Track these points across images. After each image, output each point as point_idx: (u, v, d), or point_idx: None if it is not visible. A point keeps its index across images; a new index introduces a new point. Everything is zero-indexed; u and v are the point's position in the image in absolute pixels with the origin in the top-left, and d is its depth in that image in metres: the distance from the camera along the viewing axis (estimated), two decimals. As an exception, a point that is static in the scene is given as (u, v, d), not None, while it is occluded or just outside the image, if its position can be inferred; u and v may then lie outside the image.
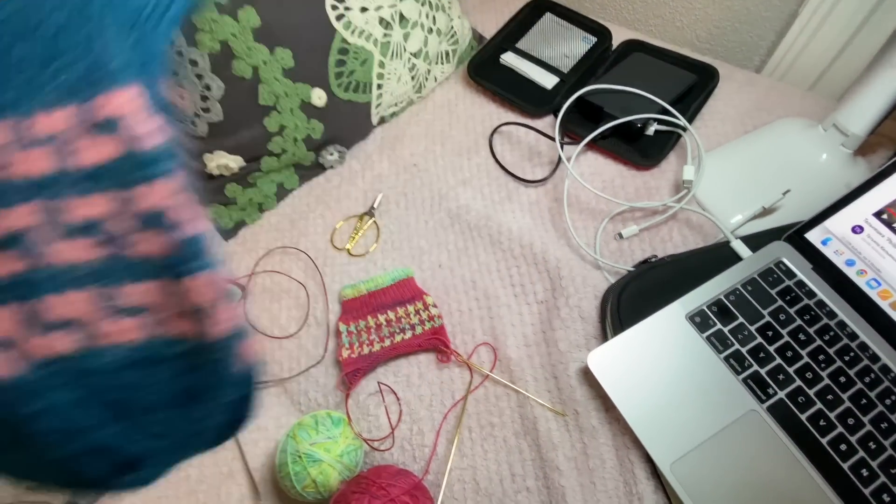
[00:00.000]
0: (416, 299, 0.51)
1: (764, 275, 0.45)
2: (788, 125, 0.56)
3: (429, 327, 0.49)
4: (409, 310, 0.50)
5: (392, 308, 0.50)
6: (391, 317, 0.50)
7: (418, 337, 0.48)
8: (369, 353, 0.48)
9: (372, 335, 0.49)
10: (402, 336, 0.49)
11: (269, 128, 0.54)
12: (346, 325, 0.50)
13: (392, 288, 0.51)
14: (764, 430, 0.39)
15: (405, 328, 0.49)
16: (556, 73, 0.63)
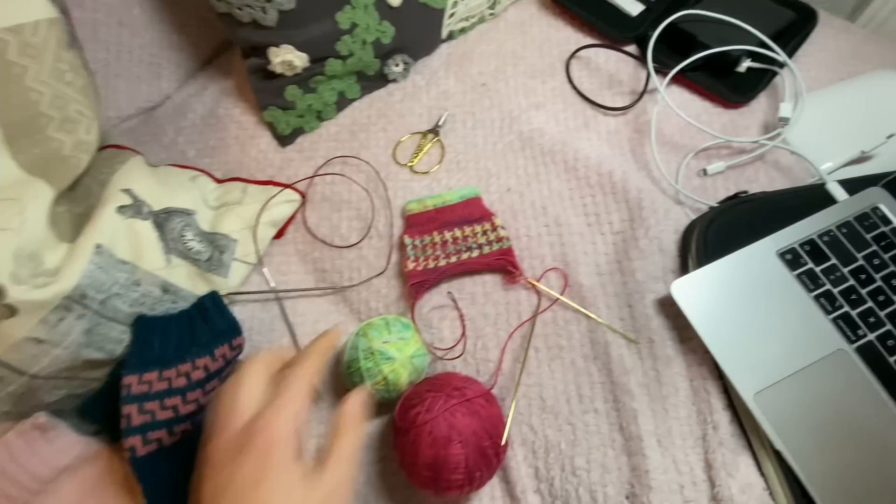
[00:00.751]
0: (483, 219, 0.49)
1: (859, 219, 0.43)
2: (888, 75, 0.52)
3: (496, 248, 0.47)
4: (476, 229, 0.48)
5: (459, 226, 0.48)
6: (458, 234, 0.48)
7: (486, 256, 0.47)
8: (435, 268, 0.46)
9: (437, 251, 0.47)
10: (468, 254, 0.47)
11: (341, 24, 0.50)
12: (411, 239, 0.48)
13: (459, 206, 0.49)
14: (852, 370, 0.38)
15: (472, 247, 0.47)
16: (643, 1, 0.59)
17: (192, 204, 0.46)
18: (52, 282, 0.35)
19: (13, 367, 0.35)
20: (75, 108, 0.40)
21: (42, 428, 0.39)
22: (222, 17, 0.49)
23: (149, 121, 0.60)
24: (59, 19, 0.40)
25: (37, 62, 0.37)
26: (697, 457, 0.39)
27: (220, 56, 0.64)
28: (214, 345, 0.40)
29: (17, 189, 0.36)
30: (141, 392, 0.38)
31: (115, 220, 0.40)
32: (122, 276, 0.39)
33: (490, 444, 0.35)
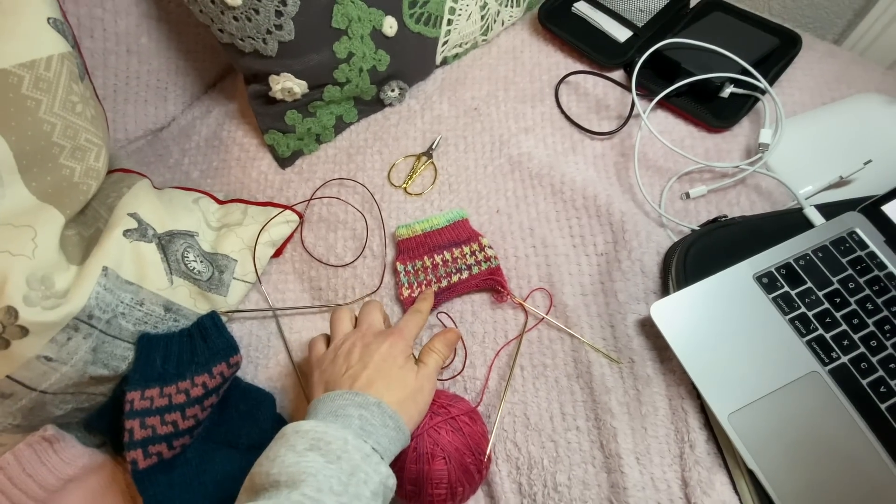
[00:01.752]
0: (471, 240, 0.50)
1: (836, 243, 0.45)
2: (869, 100, 0.54)
3: (485, 268, 0.49)
4: (464, 251, 0.50)
5: (448, 248, 0.50)
6: (447, 257, 0.50)
7: (475, 277, 0.48)
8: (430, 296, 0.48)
9: (430, 275, 0.49)
10: (458, 276, 0.49)
11: (338, 53, 0.53)
12: (403, 265, 0.49)
13: (447, 229, 0.51)
14: (824, 392, 0.39)
15: (461, 268, 0.49)
16: (630, 27, 0.61)
17: (194, 226, 0.49)
18: (61, 303, 0.37)
19: (24, 383, 0.38)
20: (85, 137, 0.43)
21: (50, 440, 0.41)
22: (226, 46, 0.52)
23: (155, 142, 0.62)
24: (70, 53, 0.42)
25: (49, 95, 0.40)
26: (674, 474, 0.40)
27: (225, 79, 0.67)
28: (213, 363, 0.42)
29: (30, 216, 0.38)
30: (143, 407, 0.40)
31: (122, 243, 0.42)
32: (127, 296, 0.42)
33: (473, 460, 0.37)
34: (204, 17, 0.50)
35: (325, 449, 0.30)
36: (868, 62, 0.60)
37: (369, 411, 0.33)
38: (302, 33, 0.50)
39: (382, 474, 0.31)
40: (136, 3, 0.54)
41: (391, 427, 0.34)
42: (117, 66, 0.56)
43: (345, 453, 0.30)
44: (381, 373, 0.36)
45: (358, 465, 0.30)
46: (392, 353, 0.38)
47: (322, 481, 0.28)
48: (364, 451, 0.31)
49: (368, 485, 0.30)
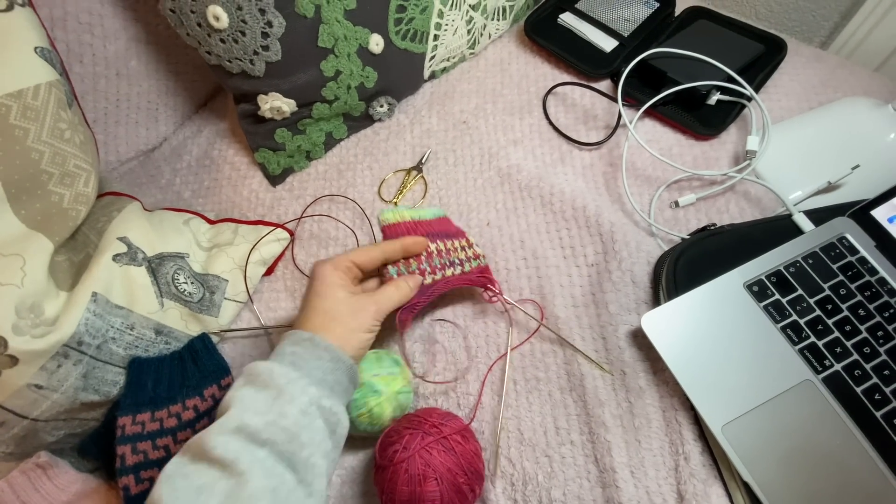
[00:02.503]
0: (459, 236, 0.49)
1: (826, 249, 0.44)
2: (856, 103, 0.54)
3: (475, 265, 0.47)
4: (455, 244, 0.47)
5: (441, 238, 0.46)
6: (441, 247, 0.45)
7: (468, 274, 0.46)
8: (423, 287, 0.43)
9: (423, 264, 0.44)
10: (451, 270, 0.45)
11: (325, 72, 0.53)
12: None
13: (434, 222, 0.48)
14: (818, 401, 0.39)
15: (454, 262, 0.46)
16: (616, 37, 0.61)
17: (184, 247, 0.49)
18: (51, 331, 0.37)
19: (15, 412, 0.38)
20: (74, 163, 0.43)
21: (44, 466, 0.41)
22: (214, 68, 0.52)
23: (147, 163, 0.63)
24: (58, 81, 0.43)
25: (37, 124, 0.40)
26: (670, 487, 0.40)
27: (215, 98, 0.67)
28: (204, 385, 0.42)
29: (19, 244, 0.38)
30: (134, 433, 0.40)
31: (111, 268, 0.42)
32: (117, 320, 0.42)
33: (465, 480, 0.37)
34: (191, 39, 0.50)
35: (254, 381, 0.33)
36: (854, 65, 0.61)
37: (301, 346, 0.35)
38: (289, 53, 0.50)
39: (312, 395, 0.33)
40: (124, 28, 0.54)
41: (326, 359, 0.35)
42: (107, 90, 0.56)
43: (271, 380, 0.33)
44: (312, 306, 0.38)
45: (282, 388, 0.33)
46: (319, 281, 0.39)
47: (247, 404, 0.32)
48: (289, 377, 0.33)
49: (294, 403, 0.32)
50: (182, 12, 0.48)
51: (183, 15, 0.48)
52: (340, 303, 0.38)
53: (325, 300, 0.38)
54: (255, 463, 0.29)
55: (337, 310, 0.38)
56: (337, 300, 0.38)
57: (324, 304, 0.38)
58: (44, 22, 0.45)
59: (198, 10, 0.47)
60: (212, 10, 0.46)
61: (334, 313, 0.37)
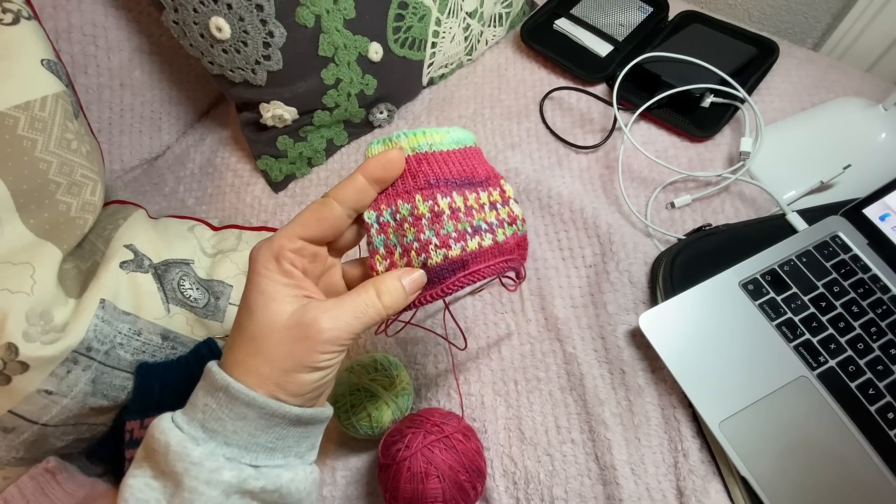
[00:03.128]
0: (489, 183, 0.30)
1: (819, 248, 0.45)
2: (848, 104, 0.55)
3: (510, 233, 0.29)
4: (481, 198, 0.29)
5: (458, 189, 0.28)
6: (458, 203, 0.28)
7: (500, 246, 0.28)
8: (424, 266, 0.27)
9: (425, 231, 0.27)
10: (478, 241, 0.28)
11: (326, 80, 0.54)
12: (375, 213, 0.28)
13: (454, 155, 0.29)
14: (813, 396, 0.40)
15: (481, 228, 0.28)
16: (611, 42, 0.62)
17: (189, 254, 0.50)
18: (60, 337, 0.38)
19: (25, 417, 0.38)
20: (81, 173, 0.44)
21: (53, 471, 0.42)
22: (216, 77, 0.53)
23: (151, 171, 0.64)
24: (64, 92, 0.44)
25: (45, 134, 0.41)
26: (669, 484, 0.40)
27: (218, 107, 0.68)
28: (210, 389, 0.42)
29: (28, 253, 0.39)
30: (142, 437, 0.40)
31: (118, 275, 0.43)
32: (124, 326, 0.42)
33: (467, 477, 0.37)
34: (194, 50, 0.51)
35: (151, 459, 0.24)
36: (846, 66, 0.62)
37: (215, 399, 0.24)
38: (290, 62, 0.51)
39: (227, 482, 0.23)
40: (127, 39, 0.55)
41: (252, 417, 0.24)
42: (111, 100, 0.57)
43: (166, 464, 0.23)
44: (242, 326, 0.26)
45: (180, 480, 0.23)
46: (247, 291, 0.26)
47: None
48: (190, 458, 0.23)
49: (203, 498, 0.23)
50: (185, 24, 0.49)
51: (186, 26, 0.49)
52: (275, 325, 0.24)
53: (253, 318, 0.25)
54: None
55: (269, 337, 0.24)
56: (270, 320, 0.24)
57: (251, 324, 0.25)
58: (49, 34, 0.46)
59: (200, 22, 0.48)
60: (214, 21, 0.47)
61: (264, 342, 0.24)
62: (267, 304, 0.25)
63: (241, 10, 0.47)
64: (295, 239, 0.26)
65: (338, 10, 0.51)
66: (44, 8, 0.50)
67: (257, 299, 0.25)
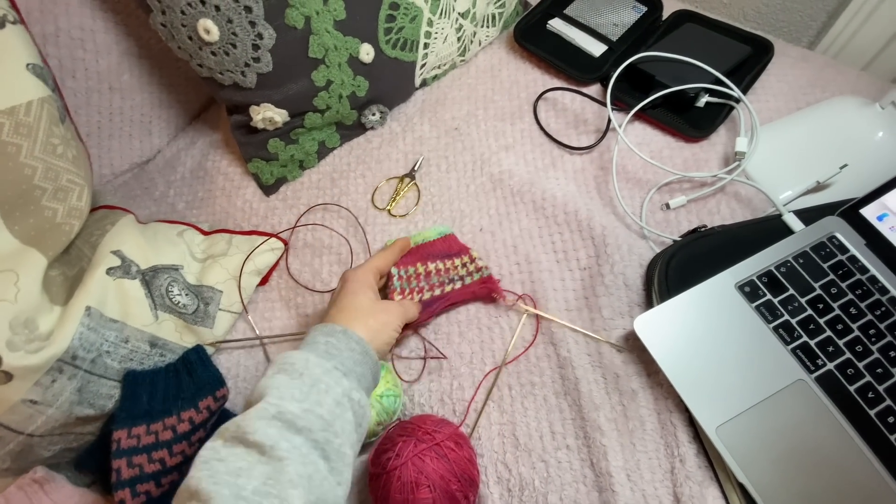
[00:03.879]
0: (461, 253, 0.51)
1: (816, 248, 0.45)
2: (844, 103, 0.54)
3: (477, 278, 0.49)
4: (455, 263, 0.50)
5: (441, 259, 0.50)
6: (440, 267, 0.50)
7: (468, 287, 0.49)
8: (421, 301, 0.48)
9: (422, 282, 0.48)
10: (451, 286, 0.49)
11: (317, 82, 0.53)
12: (397, 269, 0.48)
13: (438, 242, 0.51)
14: (811, 400, 0.39)
15: (454, 279, 0.49)
16: (605, 42, 0.62)
17: (178, 259, 0.49)
18: (45, 346, 0.37)
19: (11, 427, 0.38)
20: (67, 178, 0.43)
21: (40, 481, 0.41)
22: (206, 80, 0.53)
23: (141, 175, 0.63)
24: (50, 97, 0.43)
25: (30, 139, 0.41)
26: (666, 490, 0.40)
27: (209, 109, 0.68)
28: (199, 397, 0.42)
29: (12, 260, 0.38)
30: (130, 446, 0.40)
31: (105, 282, 0.43)
32: (111, 334, 0.42)
33: (458, 487, 0.37)
34: (183, 53, 0.51)
35: (289, 369, 0.33)
36: (842, 65, 0.61)
37: (335, 337, 0.37)
38: (280, 64, 0.51)
39: (345, 386, 0.34)
40: (116, 42, 0.55)
41: (357, 351, 0.37)
42: (100, 104, 0.57)
43: (306, 370, 0.33)
44: (344, 304, 0.41)
45: (318, 378, 0.33)
46: (352, 286, 0.42)
47: (284, 392, 0.32)
48: (324, 367, 0.34)
49: (329, 394, 0.33)
50: (173, 26, 0.48)
51: (174, 29, 0.48)
52: (372, 301, 0.41)
53: (356, 298, 0.41)
54: (292, 450, 0.29)
55: (368, 307, 0.40)
56: (368, 299, 0.41)
57: (354, 301, 0.40)
58: (36, 38, 0.46)
59: (189, 24, 0.47)
60: (202, 23, 0.46)
61: (365, 310, 0.40)
62: (367, 292, 0.42)
63: (230, 12, 0.46)
64: (374, 267, 0.45)
65: (328, 12, 0.50)
66: (30, 12, 0.49)
67: (360, 288, 0.42)
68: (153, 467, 0.40)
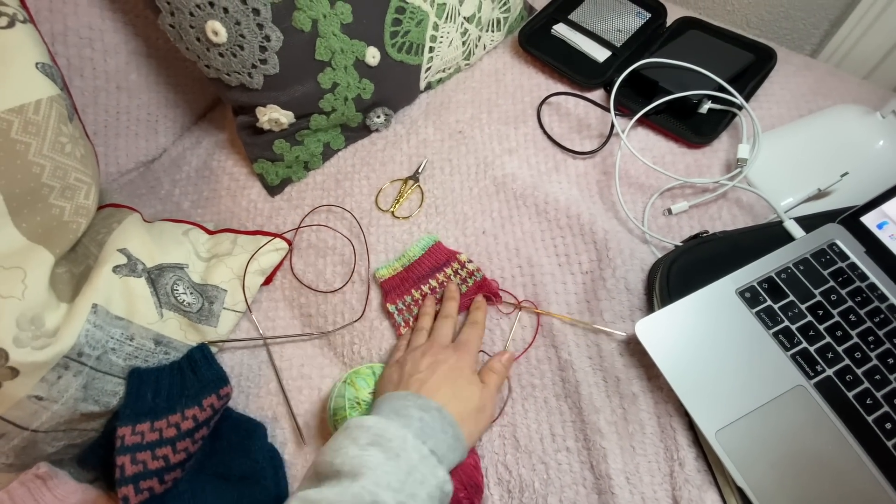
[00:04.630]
0: (450, 262, 0.51)
1: (816, 255, 0.45)
2: (845, 111, 0.55)
3: (472, 283, 0.50)
4: (447, 273, 0.51)
5: (432, 276, 0.51)
6: (434, 284, 0.50)
7: (465, 295, 0.49)
8: None
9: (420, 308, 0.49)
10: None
11: (323, 84, 0.54)
12: (393, 305, 0.49)
13: (424, 257, 0.52)
14: (810, 405, 0.40)
15: None
16: (609, 47, 0.62)
17: (184, 258, 0.49)
18: (51, 343, 0.38)
19: (15, 423, 0.38)
20: (75, 176, 0.44)
21: (43, 477, 0.41)
22: (213, 81, 0.53)
23: (147, 174, 0.63)
24: (59, 96, 0.43)
25: (38, 138, 0.41)
26: (665, 493, 0.40)
27: (214, 109, 0.68)
28: (203, 395, 0.42)
29: (19, 257, 0.39)
30: (134, 443, 0.40)
31: (111, 280, 0.43)
32: (117, 331, 0.42)
33: (465, 494, 0.37)
34: (190, 54, 0.51)
35: (385, 445, 0.31)
36: (844, 73, 0.62)
37: (430, 415, 0.34)
38: (286, 66, 0.51)
39: (439, 478, 0.32)
40: (124, 42, 0.55)
41: (450, 434, 0.34)
42: (107, 103, 0.57)
43: (403, 451, 0.31)
44: (447, 382, 0.38)
45: (415, 465, 0.31)
46: (459, 366, 0.39)
47: (381, 476, 0.29)
48: (422, 452, 0.32)
49: (424, 486, 0.30)
50: (181, 27, 0.48)
51: (182, 30, 0.49)
52: (479, 390, 0.39)
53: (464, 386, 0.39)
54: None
55: (472, 397, 0.38)
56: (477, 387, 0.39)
57: (459, 384, 0.38)
58: (45, 37, 0.46)
59: (197, 26, 0.47)
60: (210, 25, 0.47)
61: (466, 398, 0.38)
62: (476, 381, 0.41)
63: (238, 14, 0.47)
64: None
65: (335, 15, 0.51)
66: (40, 11, 0.49)
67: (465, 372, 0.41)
68: (157, 464, 0.40)
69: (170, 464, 0.40)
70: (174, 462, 0.40)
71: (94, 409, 0.41)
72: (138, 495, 0.39)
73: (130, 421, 0.41)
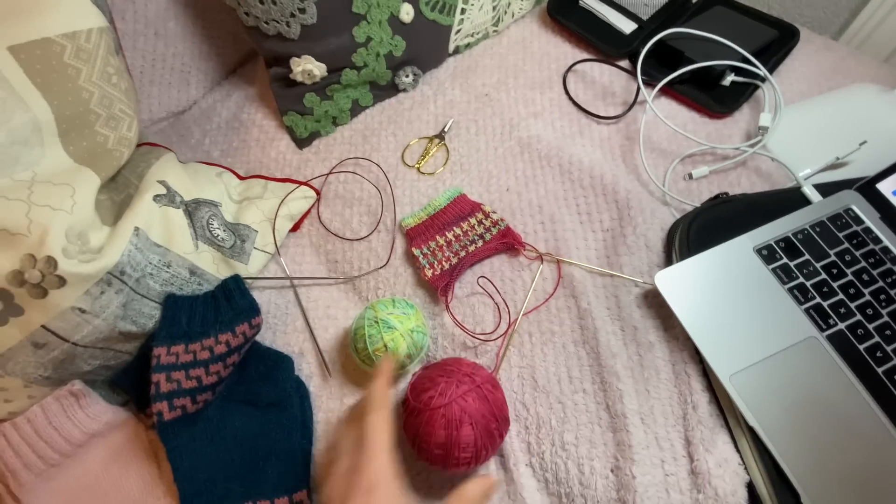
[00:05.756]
0: (475, 212, 0.53)
1: (832, 219, 0.47)
2: (865, 89, 0.56)
3: (496, 231, 0.51)
4: (471, 222, 0.52)
5: (456, 224, 0.52)
6: (458, 232, 0.52)
7: (489, 243, 0.51)
8: (451, 267, 0.50)
9: (446, 251, 0.51)
10: (474, 246, 0.51)
11: (357, 38, 0.55)
12: (419, 249, 0.51)
13: (449, 207, 0.53)
14: (822, 355, 0.41)
15: (474, 239, 0.51)
16: (635, 20, 0.64)
17: (217, 196, 0.51)
18: (96, 258, 0.39)
19: (58, 334, 0.39)
20: (119, 108, 0.45)
21: (77, 395, 0.43)
22: (250, 30, 0.54)
23: (177, 123, 0.65)
24: (107, 28, 0.45)
25: (89, 65, 0.42)
26: (678, 434, 0.41)
27: (245, 65, 0.69)
28: (236, 322, 0.44)
29: (68, 175, 0.40)
30: (168, 363, 0.41)
31: (152, 207, 0.44)
32: (155, 257, 0.44)
33: (496, 425, 0.38)
34: (231, 0, 0.52)
35: None
36: (864, 55, 0.63)
37: None
38: (323, 17, 0.53)
39: None
40: (165, -12, 0.57)
41: None
42: (145, 49, 0.58)
43: None
44: None
45: None
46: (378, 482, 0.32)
47: None
48: None
49: None
50: (225, -28, 0.50)
51: (226, -26, 0.50)
52: None
53: None
54: None
55: None
56: None
57: None
58: (93, -26, 0.47)
59: (241, -30, 0.49)
60: (255, -31, 0.48)
61: None
62: None
63: (282, -40, 0.48)
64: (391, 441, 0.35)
65: (374, -32, 0.52)
66: (88, -50, 0.51)
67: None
68: (190, 384, 0.41)
69: (202, 385, 0.42)
70: (206, 384, 0.42)
71: (131, 328, 0.42)
72: (172, 412, 0.41)
73: (166, 342, 0.42)
